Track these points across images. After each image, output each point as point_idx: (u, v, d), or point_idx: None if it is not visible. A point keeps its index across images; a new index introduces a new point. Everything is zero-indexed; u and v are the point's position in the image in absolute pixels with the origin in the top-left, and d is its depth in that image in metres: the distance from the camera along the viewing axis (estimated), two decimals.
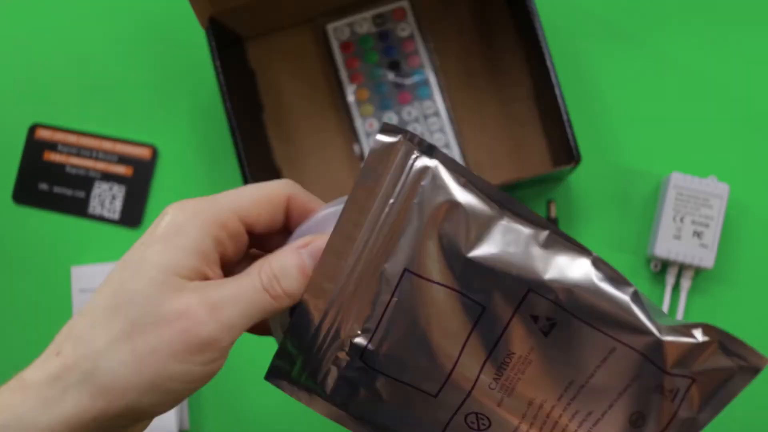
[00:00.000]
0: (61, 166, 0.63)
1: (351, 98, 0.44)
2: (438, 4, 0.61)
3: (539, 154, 0.59)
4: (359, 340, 0.31)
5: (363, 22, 0.43)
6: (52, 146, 0.63)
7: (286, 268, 0.31)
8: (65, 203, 0.62)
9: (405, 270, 0.31)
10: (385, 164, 0.30)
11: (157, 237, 0.30)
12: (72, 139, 0.63)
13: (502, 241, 0.30)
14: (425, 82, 0.49)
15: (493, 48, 0.60)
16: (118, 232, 0.62)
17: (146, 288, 0.29)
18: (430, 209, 0.30)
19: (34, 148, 0.63)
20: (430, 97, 0.48)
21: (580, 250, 0.31)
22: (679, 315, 0.58)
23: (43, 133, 0.63)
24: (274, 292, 0.30)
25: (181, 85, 0.62)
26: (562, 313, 0.30)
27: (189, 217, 0.30)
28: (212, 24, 0.55)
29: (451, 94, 0.60)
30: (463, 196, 0.30)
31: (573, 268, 0.30)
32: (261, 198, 0.32)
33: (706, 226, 0.56)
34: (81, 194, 0.62)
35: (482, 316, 0.30)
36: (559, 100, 0.53)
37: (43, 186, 0.63)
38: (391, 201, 0.30)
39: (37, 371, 0.29)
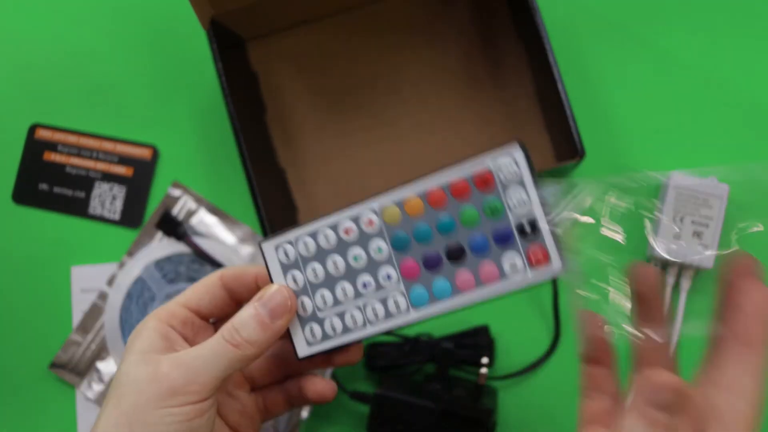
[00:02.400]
0: (61, 167, 0.62)
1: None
2: (438, 4, 0.61)
3: (543, 151, 0.59)
4: None
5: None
6: (53, 146, 0.63)
7: (243, 319, 0.37)
8: (65, 203, 0.62)
9: None
10: None
11: (133, 334, 0.38)
12: (72, 139, 0.63)
13: None
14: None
15: (494, 47, 0.60)
16: (118, 232, 0.62)
17: (129, 369, 0.37)
18: None
19: (35, 148, 0.63)
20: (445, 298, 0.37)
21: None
22: (679, 315, 0.58)
23: (43, 133, 0.63)
24: (235, 341, 0.36)
25: (181, 86, 0.62)
26: None
27: (150, 317, 0.39)
28: (213, 25, 0.55)
29: (452, 95, 0.60)
30: None
31: None
32: (197, 287, 0.40)
33: (706, 226, 0.57)
34: (81, 194, 0.62)
35: None
36: (562, 96, 0.53)
37: (44, 186, 0.63)
38: None
39: None
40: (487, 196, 0.35)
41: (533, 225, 0.35)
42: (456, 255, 0.36)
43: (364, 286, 0.38)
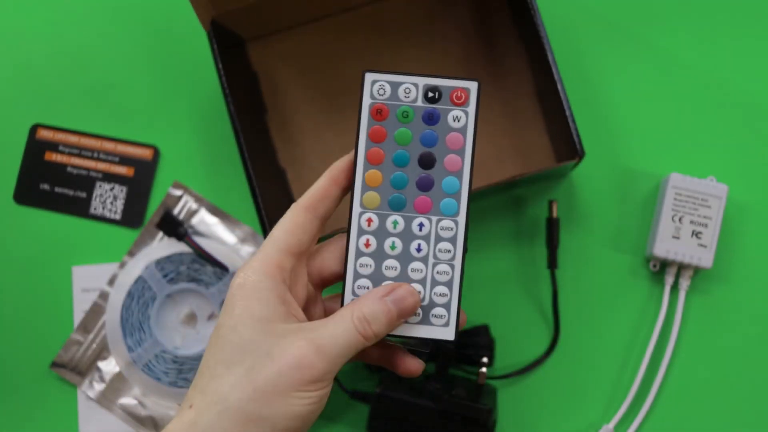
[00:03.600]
0: (62, 167, 0.63)
1: (359, 179, 0.40)
2: (438, 4, 0.61)
3: (543, 150, 0.59)
4: None
5: (411, 89, 0.40)
6: (54, 146, 0.63)
7: (375, 313, 0.37)
8: (67, 203, 0.62)
9: None
10: None
11: (240, 298, 0.37)
12: (73, 139, 0.63)
13: None
14: (456, 195, 0.40)
15: (494, 47, 0.61)
16: (119, 232, 0.62)
17: (254, 338, 0.36)
18: None
19: (36, 148, 0.63)
20: (454, 215, 0.40)
21: None
22: (678, 315, 0.58)
23: (44, 134, 0.63)
24: (366, 334, 0.37)
25: (182, 86, 0.63)
26: None
27: (261, 273, 0.38)
28: (214, 26, 0.55)
29: None
30: None
31: None
32: (287, 225, 0.40)
33: (705, 226, 0.57)
34: (82, 194, 0.62)
35: None
36: (562, 96, 0.53)
37: (45, 186, 0.63)
38: None
39: (175, 424, 0.36)
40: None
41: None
42: (428, 161, 0.40)
43: (418, 249, 0.40)
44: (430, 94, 0.40)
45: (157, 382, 0.60)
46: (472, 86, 0.40)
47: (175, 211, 0.62)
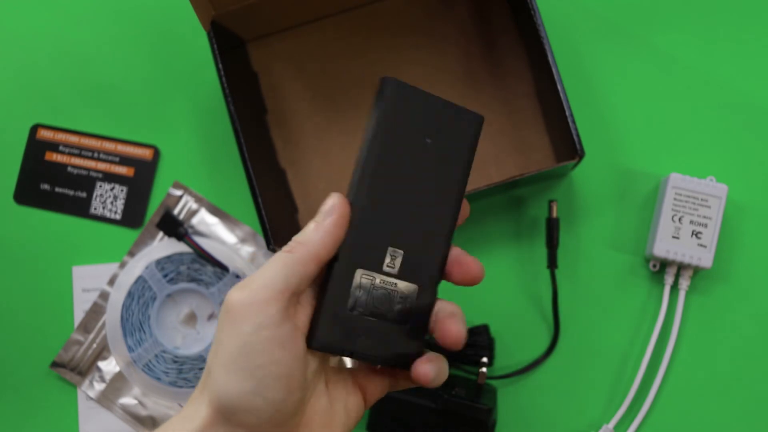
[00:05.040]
0: (62, 167, 0.63)
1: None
2: (438, 4, 0.61)
3: (542, 150, 0.59)
4: None
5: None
6: (54, 147, 0.63)
7: (304, 230, 0.37)
8: (67, 203, 0.63)
9: None
10: None
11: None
12: (73, 139, 0.63)
13: None
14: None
15: (494, 47, 0.61)
16: (119, 232, 0.62)
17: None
18: None
19: (36, 148, 0.63)
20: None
21: None
22: (678, 315, 0.58)
23: (44, 134, 0.63)
24: (289, 247, 0.36)
25: (182, 87, 0.63)
26: None
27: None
28: (214, 26, 0.55)
29: (452, 95, 0.60)
30: None
31: None
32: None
33: (705, 226, 0.57)
34: (82, 194, 0.63)
35: None
36: (562, 96, 0.53)
37: (45, 186, 0.63)
38: None
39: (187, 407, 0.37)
40: None
41: None
42: None
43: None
44: None
45: (158, 382, 0.60)
46: None
47: (175, 211, 0.62)
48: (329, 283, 0.37)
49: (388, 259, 0.38)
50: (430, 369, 0.38)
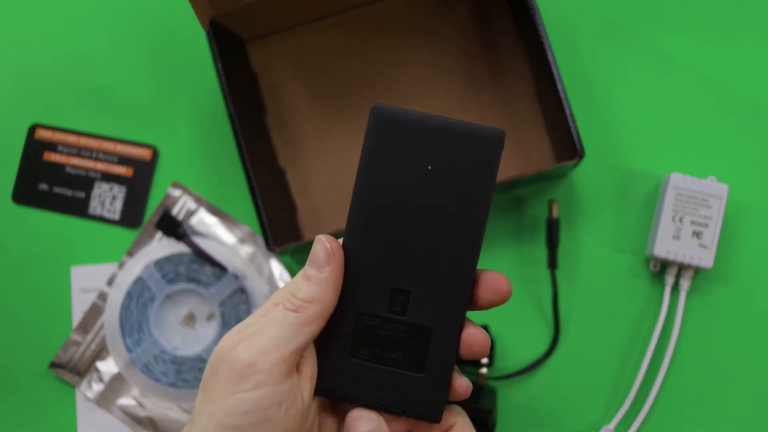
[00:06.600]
0: (61, 167, 0.62)
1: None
2: (438, 4, 0.61)
3: (542, 150, 0.59)
4: None
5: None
6: (53, 146, 0.63)
7: (294, 282, 0.35)
8: (65, 203, 0.62)
9: None
10: None
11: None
12: (72, 139, 0.63)
13: None
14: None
15: (494, 47, 0.60)
16: (118, 232, 0.62)
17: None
18: None
19: (34, 148, 0.63)
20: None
21: None
22: (679, 315, 0.58)
23: (43, 134, 0.63)
24: (294, 306, 0.34)
25: (181, 86, 0.63)
26: None
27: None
28: (213, 26, 0.55)
29: (452, 95, 0.60)
30: None
31: None
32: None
33: (705, 226, 0.57)
34: (81, 194, 0.62)
35: None
36: (562, 96, 0.53)
37: (43, 186, 0.63)
38: None
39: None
40: None
41: None
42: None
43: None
44: None
45: (156, 383, 0.60)
46: None
47: (174, 211, 0.62)
48: (329, 329, 0.35)
49: (391, 301, 0.35)
50: None
